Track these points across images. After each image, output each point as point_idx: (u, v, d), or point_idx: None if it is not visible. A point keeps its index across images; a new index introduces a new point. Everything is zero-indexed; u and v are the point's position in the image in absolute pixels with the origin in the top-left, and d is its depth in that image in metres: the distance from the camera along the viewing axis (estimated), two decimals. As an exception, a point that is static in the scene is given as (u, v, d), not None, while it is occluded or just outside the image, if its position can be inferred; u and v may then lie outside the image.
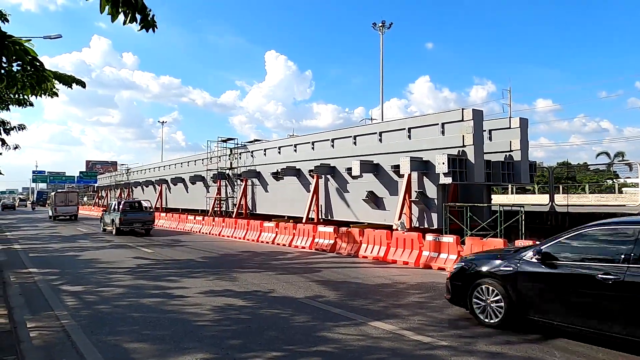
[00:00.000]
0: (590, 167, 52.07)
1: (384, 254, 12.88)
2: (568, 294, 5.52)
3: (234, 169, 27.44)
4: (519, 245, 7.79)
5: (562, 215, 16.04)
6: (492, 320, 6.29)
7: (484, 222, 13.63)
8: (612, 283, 5.07)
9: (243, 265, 12.57)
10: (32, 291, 9.30)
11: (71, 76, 13.92)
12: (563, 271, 5.63)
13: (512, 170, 15.77)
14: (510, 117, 17.08)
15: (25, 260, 13.78)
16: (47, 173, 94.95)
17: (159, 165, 41.40)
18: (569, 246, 5.85)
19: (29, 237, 21.88)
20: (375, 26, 36.34)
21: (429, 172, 15.31)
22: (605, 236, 5.74)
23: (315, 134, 22.40)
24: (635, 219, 5.92)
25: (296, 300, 8.14)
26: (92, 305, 8.04)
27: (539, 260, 5.89)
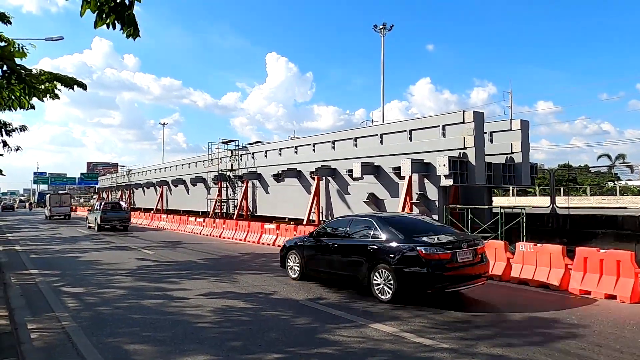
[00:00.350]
0: (592, 169, 52.03)
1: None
2: (323, 255, 9.48)
3: (235, 170, 27.46)
4: None
5: (563, 217, 16.02)
6: (294, 275, 10.19)
7: (485, 224, 13.62)
8: (336, 247, 9.16)
9: (244, 267, 12.56)
10: (33, 292, 9.31)
11: (72, 78, 13.95)
12: (321, 243, 9.57)
13: (513, 173, 15.76)
14: (512, 119, 17.07)
15: (26, 262, 13.79)
16: (48, 174, 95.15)
17: (160, 167, 41.43)
18: (325, 230, 9.89)
19: (30, 239, 21.90)
20: (376, 28, 36.41)
21: (429, 174, 15.30)
22: (339, 224, 9.87)
23: (316, 135, 22.42)
24: (351, 216, 10.41)
25: (297, 302, 8.13)
26: (92, 306, 8.04)
27: (313, 237, 9.87)
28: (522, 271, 9.60)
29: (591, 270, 8.50)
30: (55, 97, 13.41)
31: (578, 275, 8.67)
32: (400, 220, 9.04)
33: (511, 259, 9.98)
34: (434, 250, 7.61)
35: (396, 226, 8.43)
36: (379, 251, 8.13)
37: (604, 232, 14.27)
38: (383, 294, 7.95)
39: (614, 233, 14.06)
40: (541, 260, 9.36)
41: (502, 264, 10.02)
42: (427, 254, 7.54)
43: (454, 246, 7.79)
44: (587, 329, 6.37)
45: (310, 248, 9.81)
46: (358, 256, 8.53)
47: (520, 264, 9.71)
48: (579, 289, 8.51)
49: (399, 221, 8.94)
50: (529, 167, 16.21)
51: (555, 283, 8.90)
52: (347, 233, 9.19)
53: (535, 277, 9.29)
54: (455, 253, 7.71)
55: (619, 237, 13.82)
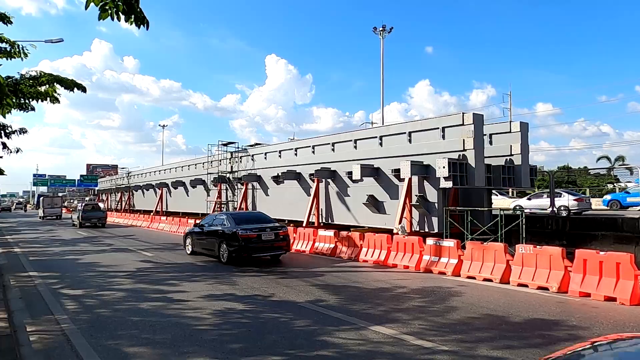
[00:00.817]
0: (591, 171, 52.05)
1: (384, 258, 12.85)
2: (200, 238, 14.51)
3: (235, 172, 27.44)
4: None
5: (562, 219, 16.02)
6: (188, 252, 15.12)
7: (484, 226, 13.62)
8: (206, 232, 14.14)
9: (243, 269, 12.55)
10: (32, 295, 9.30)
11: (72, 80, 13.98)
12: (203, 230, 14.41)
13: (512, 174, 15.76)
14: (511, 121, 17.09)
15: (26, 264, 13.78)
16: (47, 176, 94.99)
17: (159, 169, 41.40)
18: (203, 223, 14.70)
19: (29, 241, 21.87)
20: (376, 30, 36.43)
21: (429, 176, 15.30)
22: (210, 219, 14.89)
23: (315, 137, 22.42)
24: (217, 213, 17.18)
25: (297, 305, 8.12)
26: (92, 309, 8.03)
27: (197, 227, 14.94)
28: (521, 273, 9.59)
29: (591, 273, 8.51)
30: (55, 100, 13.43)
31: (578, 277, 8.67)
32: (239, 216, 14.52)
33: (511, 261, 9.98)
34: (246, 232, 12.67)
35: (234, 219, 13.42)
36: (223, 233, 13.28)
37: (604, 234, 14.27)
38: (224, 258, 13.07)
39: (613, 235, 14.06)
40: (541, 263, 9.36)
41: (502, 266, 10.02)
42: (242, 235, 12.63)
43: (260, 230, 12.82)
44: (587, 331, 6.36)
45: (195, 234, 15.00)
46: (215, 237, 13.63)
47: (519, 266, 9.71)
48: (578, 291, 8.51)
49: (238, 216, 14.26)
50: (529, 169, 16.22)
51: (555, 285, 8.90)
52: (212, 224, 14.14)
53: (535, 279, 9.29)
54: (260, 234, 12.74)
55: (618, 239, 13.82)
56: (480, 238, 12.78)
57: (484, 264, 10.40)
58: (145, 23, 4.59)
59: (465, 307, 7.86)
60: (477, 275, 10.35)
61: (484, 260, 10.45)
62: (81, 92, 14.12)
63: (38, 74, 13.38)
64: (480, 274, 10.31)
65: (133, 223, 34.58)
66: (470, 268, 10.63)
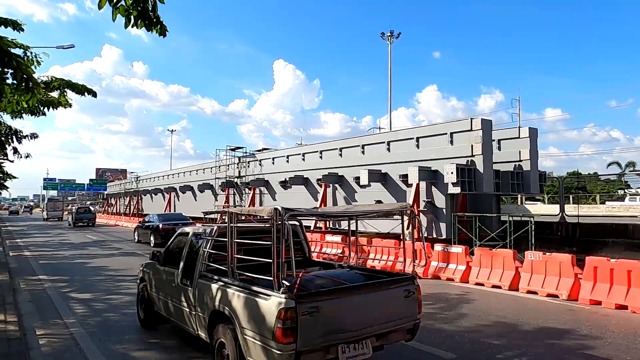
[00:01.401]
0: (601, 177, 51.55)
1: (392, 264, 12.80)
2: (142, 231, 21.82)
3: (242, 177, 27.53)
4: None
5: (572, 225, 15.86)
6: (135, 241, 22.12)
7: (493, 232, 13.52)
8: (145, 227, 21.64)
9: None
10: (41, 298, 9.37)
11: (83, 85, 14.15)
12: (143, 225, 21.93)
13: (521, 180, 15.63)
14: (520, 127, 16.97)
15: (35, 267, 13.89)
16: (57, 180, 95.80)
17: (168, 174, 41.63)
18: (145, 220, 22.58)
19: (39, 244, 22.06)
20: (384, 36, 36.47)
21: (437, 182, 15.23)
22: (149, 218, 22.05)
23: (323, 143, 22.43)
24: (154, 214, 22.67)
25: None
26: (100, 312, 8.07)
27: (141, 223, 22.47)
28: (531, 280, 9.50)
29: (601, 280, 8.40)
30: (68, 105, 13.63)
31: (588, 285, 8.57)
32: (164, 215, 21.47)
33: (520, 268, 9.89)
34: (165, 225, 19.19)
35: (160, 217, 19.94)
36: (152, 227, 19.41)
37: (614, 241, 14.09)
38: (152, 243, 19.18)
39: (624, 242, 13.89)
40: (550, 270, 9.27)
41: (511, 272, 9.93)
42: (162, 227, 19.33)
43: (175, 224, 17.83)
44: (598, 340, 6.28)
45: (139, 228, 21.66)
46: (148, 230, 19.75)
47: (529, 273, 9.62)
48: (589, 299, 8.41)
49: (164, 215, 21.14)
50: (538, 175, 16.07)
51: (565, 293, 8.80)
52: (148, 221, 19.45)
53: (545, 287, 9.20)
54: (175, 227, 15.27)
55: (629, 246, 13.64)
56: (489, 244, 12.69)
57: (493, 271, 10.31)
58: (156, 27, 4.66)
59: (475, 314, 7.80)
60: (486, 282, 10.27)
61: (493, 266, 10.37)
62: (92, 96, 14.28)
63: (49, 79, 13.55)
64: (489, 281, 10.23)
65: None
66: (479, 274, 10.55)
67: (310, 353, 4.04)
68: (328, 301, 4.21)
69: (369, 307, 4.46)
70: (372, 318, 4.47)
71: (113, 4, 4.20)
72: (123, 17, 4.34)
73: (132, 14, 4.33)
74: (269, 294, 4.13)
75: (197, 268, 5.39)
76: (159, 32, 4.69)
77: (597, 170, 64.55)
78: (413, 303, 4.84)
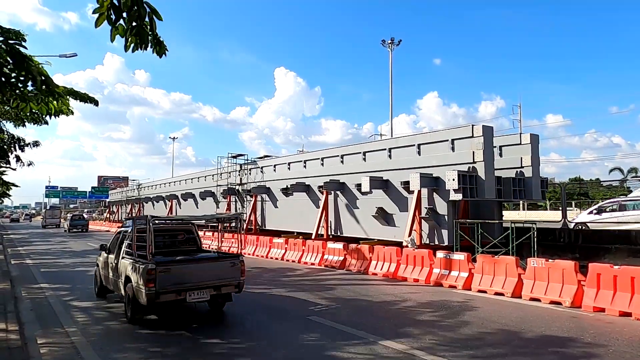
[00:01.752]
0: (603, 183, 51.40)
1: (394, 271, 12.76)
2: None
3: (244, 184, 27.54)
4: None
5: (575, 232, 15.81)
6: None
7: (495, 239, 13.47)
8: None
9: (252, 281, 12.52)
10: (43, 306, 9.35)
11: (86, 94, 14.22)
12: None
13: (523, 187, 15.60)
14: (521, 133, 16.99)
15: (37, 275, 13.89)
16: (59, 188, 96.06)
17: (169, 181, 41.68)
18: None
19: (41, 252, 22.06)
20: (385, 43, 36.66)
21: (439, 189, 15.22)
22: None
23: (324, 150, 22.45)
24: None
25: (305, 318, 8.07)
26: (101, 321, 8.05)
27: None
28: (533, 287, 9.45)
29: (605, 287, 8.35)
30: (70, 113, 13.69)
31: (591, 292, 8.52)
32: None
33: (522, 275, 9.84)
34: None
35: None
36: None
37: (617, 248, 14.03)
38: None
39: (627, 248, 13.82)
40: (553, 277, 9.22)
41: (514, 279, 9.88)
42: None
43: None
44: (602, 348, 6.23)
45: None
46: None
47: (531, 280, 9.57)
48: (592, 306, 8.36)
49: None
50: (540, 181, 16.05)
51: (568, 300, 8.75)
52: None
53: (548, 294, 9.15)
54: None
55: (632, 253, 13.58)
56: (491, 251, 12.64)
57: (495, 278, 10.27)
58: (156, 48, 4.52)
59: (477, 321, 7.75)
60: (489, 289, 10.22)
61: (495, 273, 10.32)
62: (94, 105, 14.35)
63: (52, 88, 13.62)
64: (492, 288, 10.18)
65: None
66: (481, 282, 10.50)
67: (165, 293, 7.26)
68: (175, 266, 7.70)
69: (206, 271, 7.95)
70: (208, 277, 7.81)
71: (112, 22, 4.03)
72: (122, 37, 4.17)
73: (132, 33, 4.18)
74: (144, 262, 7.39)
75: (121, 253, 8.65)
76: (157, 52, 4.56)
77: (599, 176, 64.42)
78: (237, 270, 8.11)
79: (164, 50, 4.61)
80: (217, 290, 7.81)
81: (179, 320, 8.03)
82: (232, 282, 8.00)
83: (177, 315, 8.33)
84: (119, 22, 4.05)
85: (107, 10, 3.95)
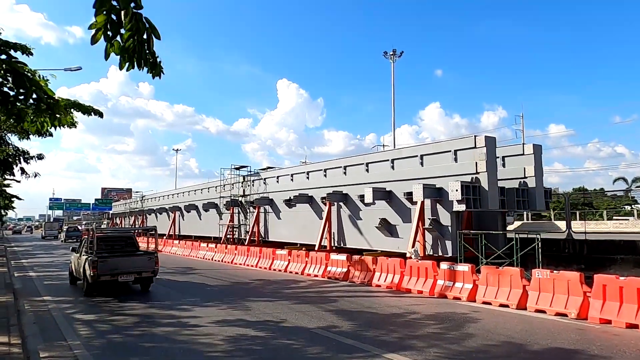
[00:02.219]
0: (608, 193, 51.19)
1: (397, 283, 12.69)
2: None
3: (247, 196, 27.55)
4: None
5: (579, 242, 15.71)
6: None
7: (499, 250, 13.41)
8: None
9: (256, 293, 12.47)
10: (45, 320, 9.33)
11: (90, 106, 14.31)
12: None
13: (526, 197, 15.58)
14: (524, 144, 16.99)
15: (40, 288, 13.87)
16: (63, 200, 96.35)
17: (172, 193, 41.76)
18: None
19: (44, 265, 22.05)
20: (387, 55, 36.90)
21: (442, 199, 15.20)
22: None
23: (327, 161, 22.49)
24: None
25: (309, 331, 8.02)
26: (104, 334, 8.02)
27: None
28: (539, 299, 9.38)
29: (611, 299, 8.28)
30: (72, 125, 13.77)
31: (597, 303, 8.44)
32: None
33: (527, 287, 9.77)
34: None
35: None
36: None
37: (623, 258, 13.92)
38: None
39: (633, 259, 13.72)
40: (558, 288, 9.15)
41: (519, 291, 9.81)
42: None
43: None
44: (609, 360, 6.16)
45: None
46: None
47: (536, 292, 9.49)
48: (598, 317, 8.28)
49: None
50: (543, 192, 16.02)
51: (574, 312, 8.67)
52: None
53: (553, 305, 9.07)
54: None
55: (638, 263, 13.47)
56: (495, 262, 12.57)
57: (500, 289, 10.20)
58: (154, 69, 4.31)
59: (482, 333, 7.68)
60: (493, 301, 10.14)
61: (500, 285, 10.25)
62: (98, 117, 14.43)
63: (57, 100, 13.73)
64: (497, 300, 10.10)
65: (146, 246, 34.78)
66: (486, 293, 10.42)
67: (103, 275, 11.70)
68: (110, 258, 12.12)
69: (131, 262, 12.37)
70: (133, 266, 12.25)
71: (108, 39, 3.80)
72: (117, 55, 3.96)
73: (128, 51, 3.98)
74: (91, 256, 11.89)
75: (82, 251, 12.96)
76: (153, 73, 4.37)
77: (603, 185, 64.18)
78: (153, 262, 12.56)
79: (160, 71, 4.39)
80: (139, 275, 12.31)
81: (181, 331, 7.99)
82: (149, 269, 12.48)
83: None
84: (115, 39, 3.84)
85: (104, 26, 3.72)
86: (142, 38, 3.91)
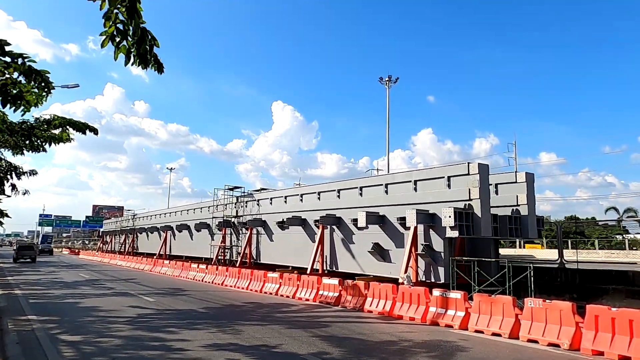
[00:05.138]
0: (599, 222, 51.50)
1: (389, 309, 12.57)
2: None
3: (240, 217, 27.43)
4: None
5: (572, 271, 15.71)
6: None
7: (491, 277, 13.37)
8: None
9: (246, 317, 12.29)
10: (29, 340, 9.10)
11: (85, 123, 14.34)
12: None
13: (519, 225, 15.64)
14: (517, 172, 17.17)
15: (25, 307, 13.58)
16: (53, 217, 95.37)
17: (164, 212, 41.48)
18: None
19: (31, 282, 21.65)
20: (382, 80, 37.49)
21: (435, 225, 15.21)
22: None
23: (321, 184, 22.53)
24: None
25: (300, 357, 7.89)
26: (89, 357, 7.83)
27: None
28: (531, 329, 9.32)
29: (603, 330, 8.25)
30: (68, 141, 13.82)
31: (590, 334, 8.40)
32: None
33: (520, 315, 9.72)
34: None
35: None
36: None
37: (615, 288, 13.93)
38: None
39: (625, 289, 13.72)
40: (551, 317, 9.11)
41: (511, 320, 9.75)
42: None
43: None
44: (602, 393, 6.09)
45: None
46: None
47: (529, 321, 9.44)
48: (591, 349, 8.23)
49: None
50: (535, 220, 16.11)
51: (567, 342, 8.61)
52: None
53: (545, 335, 9.01)
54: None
55: (630, 294, 13.47)
56: (488, 289, 12.52)
57: (492, 318, 10.13)
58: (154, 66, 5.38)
59: (474, 363, 7.59)
60: (485, 330, 10.06)
61: (492, 313, 10.19)
62: (93, 134, 14.44)
63: (51, 117, 13.75)
64: (489, 328, 10.02)
65: (135, 266, 34.36)
66: (478, 321, 10.34)
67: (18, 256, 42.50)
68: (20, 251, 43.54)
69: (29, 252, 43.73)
70: (29, 254, 43.37)
71: (115, 44, 4.84)
72: (124, 55, 4.93)
73: (132, 52, 4.96)
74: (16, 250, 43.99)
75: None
76: (156, 69, 5.41)
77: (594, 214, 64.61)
78: (36, 251, 46.41)
79: (162, 68, 5.47)
80: (32, 258, 42.04)
81: (168, 355, 7.82)
82: (35, 254, 43.03)
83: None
84: (122, 43, 4.87)
85: (112, 34, 4.80)
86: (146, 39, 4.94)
